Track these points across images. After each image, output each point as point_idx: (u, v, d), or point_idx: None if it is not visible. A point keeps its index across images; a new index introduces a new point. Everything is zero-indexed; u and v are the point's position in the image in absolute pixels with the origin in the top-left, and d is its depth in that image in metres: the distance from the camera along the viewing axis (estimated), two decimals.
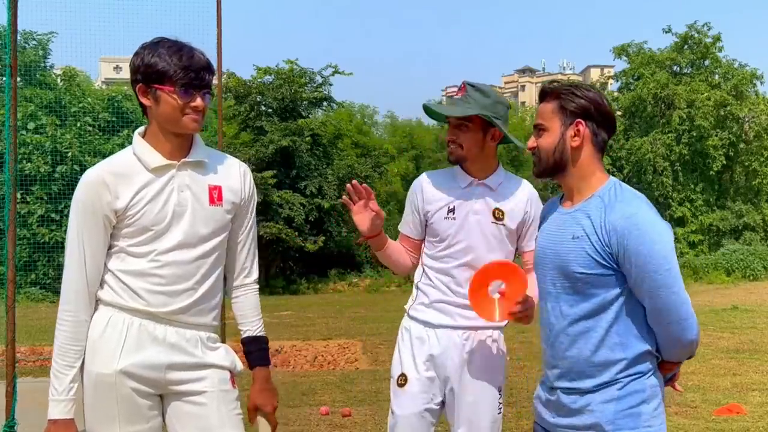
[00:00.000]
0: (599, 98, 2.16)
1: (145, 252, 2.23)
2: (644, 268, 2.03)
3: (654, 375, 2.15)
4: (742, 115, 29.98)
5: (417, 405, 2.78)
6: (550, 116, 2.16)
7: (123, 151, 2.30)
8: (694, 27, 31.31)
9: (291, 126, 24.22)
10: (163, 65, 2.18)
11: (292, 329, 12.29)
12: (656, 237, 2.05)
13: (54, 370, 2.20)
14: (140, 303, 2.23)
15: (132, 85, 2.26)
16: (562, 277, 2.14)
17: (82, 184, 2.23)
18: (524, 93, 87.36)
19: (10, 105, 4.93)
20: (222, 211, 2.31)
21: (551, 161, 2.17)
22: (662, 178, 29.96)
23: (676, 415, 5.86)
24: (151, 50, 2.22)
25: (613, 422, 2.08)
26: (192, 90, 2.21)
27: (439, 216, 2.82)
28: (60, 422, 2.18)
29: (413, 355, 2.82)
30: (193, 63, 2.21)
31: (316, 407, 6.31)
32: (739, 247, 27.19)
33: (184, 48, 2.23)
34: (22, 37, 19.98)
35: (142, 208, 2.21)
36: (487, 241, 2.79)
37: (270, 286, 24.18)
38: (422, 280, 2.88)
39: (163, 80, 2.19)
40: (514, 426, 5.54)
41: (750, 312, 13.73)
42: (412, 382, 2.80)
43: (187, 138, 2.30)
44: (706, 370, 7.80)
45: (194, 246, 2.27)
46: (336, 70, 25.40)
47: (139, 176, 2.23)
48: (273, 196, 23.36)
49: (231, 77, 24.25)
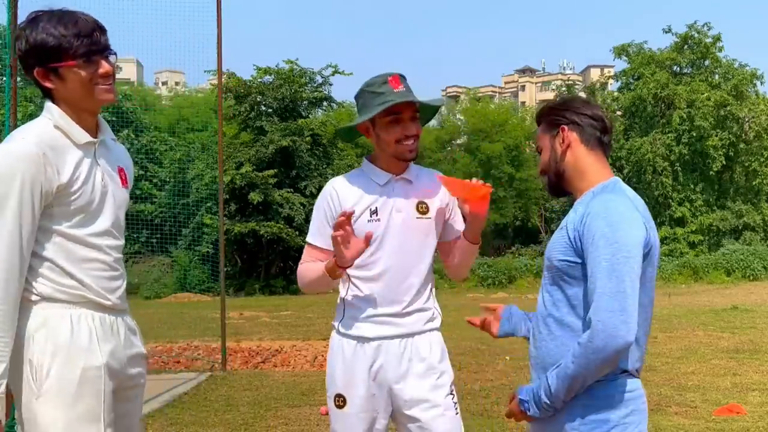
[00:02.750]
0: (576, 101, 2.24)
1: (81, 236, 2.07)
2: (590, 247, 2.00)
3: (627, 380, 2.07)
4: (742, 115, 29.99)
5: (359, 427, 2.60)
6: (541, 136, 2.28)
7: (38, 122, 2.07)
8: (694, 27, 31.34)
9: (291, 126, 24.24)
10: (53, 40, 1.98)
11: (292, 329, 12.28)
12: (615, 220, 1.99)
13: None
14: (87, 292, 2.08)
15: (27, 72, 2.06)
16: (549, 268, 2.17)
17: (21, 155, 1.96)
18: (524, 93, 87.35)
19: (10, 105, 4.93)
20: (127, 194, 2.25)
21: (552, 173, 2.25)
22: (662, 178, 29.97)
23: (676, 415, 5.86)
24: (32, 28, 2.01)
25: (577, 428, 2.03)
26: (94, 57, 2.03)
27: (362, 221, 2.58)
28: None
29: (351, 373, 2.61)
30: (83, 28, 2.01)
31: (316, 407, 6.31)
32: (739, 247, 27.20)
33: (65, 15, 2.03)
34: None
35: (81, 187, 2.05)
36: (413, 239, 2.62)
37: (270, 285, 24.20)
38: (350, 292, 2.66)
39: (60, 56, 1.99)
40: (514, 426, 5.53)
41: (750, 312, 13.72)
42: (352, 403, 2.60)
43: (96, 115, 2.15)
44: (706, 370, 7.80)
45: (119, 229, 2.19)
46: (336, 70, 25.43)
47: (71, 152, 2.05)
48: (273, 196, 23.37)
49: (231, 77, 24.26)
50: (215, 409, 6.33)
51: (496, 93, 79.89)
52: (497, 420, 5.63)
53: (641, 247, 2.01)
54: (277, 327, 12.69)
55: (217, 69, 8.74)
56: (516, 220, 38.13)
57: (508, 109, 45.18)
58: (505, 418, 5.69)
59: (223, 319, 8.50)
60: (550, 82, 76.48)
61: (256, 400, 6.68)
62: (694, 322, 12.12)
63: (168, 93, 50.60)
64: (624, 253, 1.97)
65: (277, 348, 9.80)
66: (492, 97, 58.17)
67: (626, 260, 1.96)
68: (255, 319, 14.30)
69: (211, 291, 20.30)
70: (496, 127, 38.48)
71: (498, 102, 54.08)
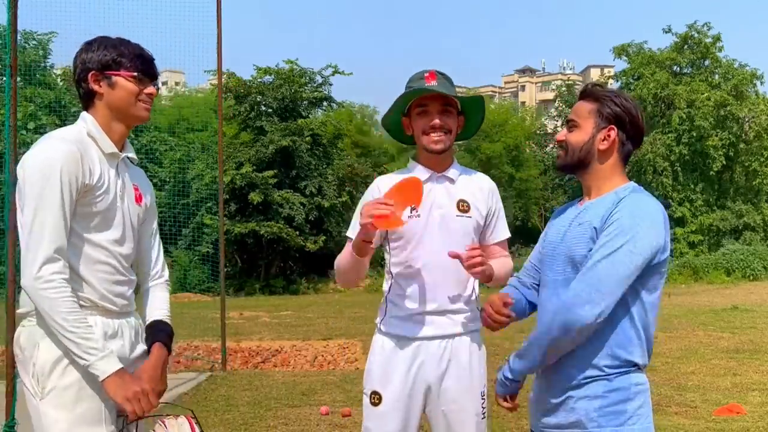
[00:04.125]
0: (635, 111, 2.20)
1: (97, 240, 2.19)
2: (604, 232, 2.05)
3: (639, 373, 2.14)
4: (742, 115, 29.99)
5: (393, 426, 2.63)
6: (586, 115, 2.21)
7: (73, 127, 2.24)
8: (694, 27, 31.34)
9: (291, 126, 24.24)
10: (119, 53, 2.23)
11: (292, 329, 12.28)
12: (640, 216, 2.04)
13: (77, 335, 2.03)
14: (94, 296, 2.18)
15: (79, 76, 2.24)
16: (569, 265, 2.15)
17: (61, 152, 2.10)
18: (524, 93, 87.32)
19: (10, 105, 4.93)
20: (141, 212, 2.37)
21: (576, 157, 2.22)
22: (662, 178, 29.98)
23: (676, 415, 5.86)
24: (100, 44, 2.25)
25: (595, 420, 2.07)
26: (146, 78, 2.27)
27: (402, 216, 2.60)
28: (121, 373, 2.07)
29: (389, 372, 2.65)
30: (145, 53, 2.29)
31: (316, 407, 6.31)
32: (739, 247, 27.20)
33: (131, 42, 2.30)
34: (22, 37, 20.00)
35: (103, 192, 2.19)
36: (453, 236, 2.63)
37: (270, 286, 24.20)
38: (393, 291, 2.71)
39: (120, 66, 2.23)
40: (514, 426, 5.54)
41: (750, 312, 13.72)
42: (387, 402, 2.64)
43: (127, 131, 2.32)
44: (706, 370, 7.80)
45: (132, 240, 2.31)
46: (336, 70, 25.44)
47: (99, 159, 2.21)
48: (273, 196, 23.37)
49: (231, 77, 24.26)
50: (215, 409, 6.33)
51: (496, 93, 79.93)
52: (497, 420, 5.62)
53: (652, 252, 2.03)
54: (277, 327, 12.69)
55: (217, 69, 8.74)
56: (516, 220, 38.16)
57: (508, 109, 45.24)
58: (505, 418, 5.70)
59: (223, 319, 8.50)
60: (550, 82, 76.41)
61: (256, 400, 6.68)
62: (694, 322, 12.12)
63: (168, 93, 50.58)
64: (633, 248, 2.00)
65: (277, 348, 9.81)
66: (492, 97, 58.21)
67: (631, 254, 2.00)
68: (255, 319, 14.30)
69: (211, 291, 20.28)
70: (496, 127, 38.51)
71: (498, 102, 54.12)
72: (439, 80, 2.64)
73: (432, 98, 2.63)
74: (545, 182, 39.60)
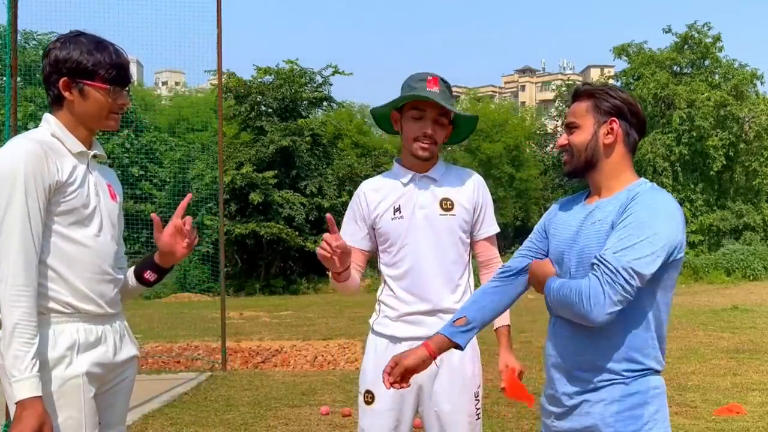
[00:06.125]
0: (632, 99, 2.17)
1: (77, 237, 2.14)
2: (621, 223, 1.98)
3: (656, 375, 2.09)
4: (742, 115, 29.99)
5: (386, 424, 2.65)
6: (584, 114, 2.16)
7: (36, 130, 2.18)
8: (694, 27, 31.34)
9: (291, 126, 24.23)
10: (94, 61, 2.13)
11: (292, 329, 12.29)
12: (657, 207, 1.99)
13: (13, 350, 1.98)
14: (76, 299, 2.13)
15: (50, 76, 2.15)
16: (583, 265, 2.07)
17: (23, 152, 2.04)
18: (524, 93, 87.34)
19: (10, 105, 4.94)
20: (118, 208, 2.33)
21: (583, 158, 2.15)
22: (662, 179, 29.96)
23: (676, 415, 5.86)
24: (75, 45, 2.14)
25: (612, 425, 2.03)
26: (119, 86, 2.19)
27: (386, 218, 2.68)
28: (33, 401, 1.97)
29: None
30: (122, 60, 2.18)
31: (316, 407, 6.31)
32: (739, 247, 27.22)
33: (108, 44, 2.19)
34: (22, 37, 20.00)
35: (77, 189, 2.14)
36: (438, 236, 2.65)
37: (270, 286, 24.19)
38: (384, 293, 2.74)
39: (94, 76, 2.14)
40: (514, 426, 5.54)
41: (750, 312, 13.73)
42: (380, 401, 2.67)
43: (93, 133, 2.27)
44: (706, 370, 7.81)
45: (114, 235, 2.27)
46: (336, 70, 25.41)
47: (67, 157, 2.15)
48: (273, 196, 23.36)
49: (231, 77, 24.24)
50: (215, 409, 6.33)
51: (496, 93, 79.88)
52: (497, 420, 5.63)
53: (670, 248, 1.98)
54: (277, 327, 12.70)
55: (217, 69, 8.74)
56: (516, 220, 38.14)
57: (508, 109, 45.20)
58: (505, 418, 5.70)
59: (223, 319, 8.51)
60: (550, 82, 76.42)
61: (256, 400, 6.68)
62: (694, 322, 12.12)
63: (168, 93, 50.63)
64: (653, 238, 1.94)
65: (277, 348, 9.81)
66: (492, 97, 58.12)
67: (650, 244, 1.94)
68: (255, 319, 14.30)
69: (211, 291, 20.29)
70: (496, 127, 38.49)
71: (498, 102, 54.09)
72: (441, 88, 2.64)
73: (430, 104, 2.63)
74: (545, 182, 39.58)
